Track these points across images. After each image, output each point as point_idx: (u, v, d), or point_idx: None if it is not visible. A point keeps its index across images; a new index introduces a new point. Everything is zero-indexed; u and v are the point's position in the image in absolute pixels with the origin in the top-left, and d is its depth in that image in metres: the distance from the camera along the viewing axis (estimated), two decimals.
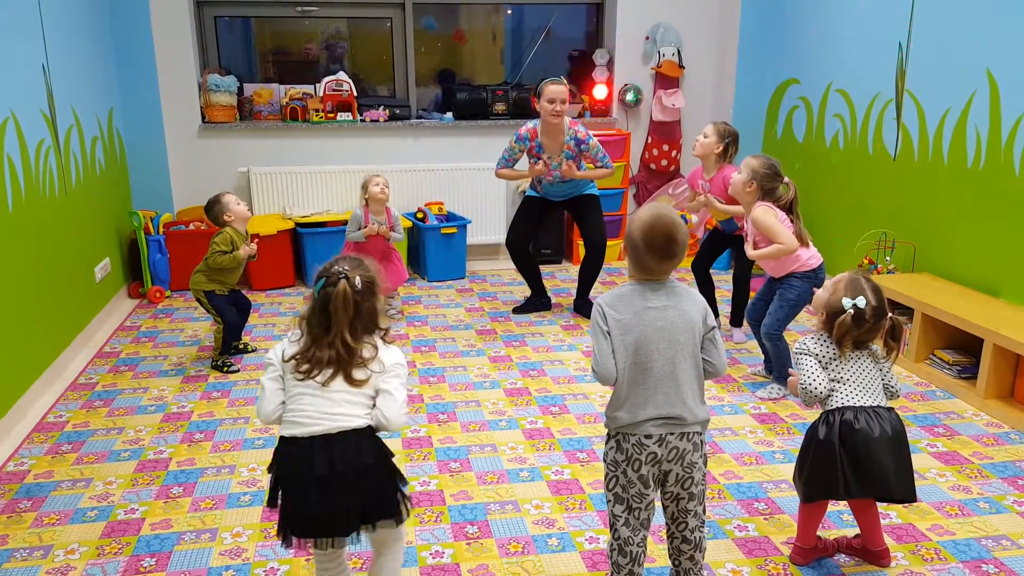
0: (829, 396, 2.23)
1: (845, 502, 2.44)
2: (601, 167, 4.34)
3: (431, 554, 2.38)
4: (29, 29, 3.65)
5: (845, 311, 2.19)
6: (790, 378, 2.34)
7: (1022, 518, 2.58)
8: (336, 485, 1.79)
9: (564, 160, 4.28)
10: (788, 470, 2.87)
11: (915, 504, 2.64)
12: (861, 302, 2.18)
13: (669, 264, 1.95)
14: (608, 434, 2.02)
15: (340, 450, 1.79)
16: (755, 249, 3.37)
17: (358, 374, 1.84)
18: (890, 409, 2.22)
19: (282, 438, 1.85)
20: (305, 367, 1.83)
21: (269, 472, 1.86)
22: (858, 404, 2.19)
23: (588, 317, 4.53)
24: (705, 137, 3.95)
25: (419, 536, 2.46)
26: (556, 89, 4.18)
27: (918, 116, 4.11)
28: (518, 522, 2.55)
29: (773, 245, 3.29)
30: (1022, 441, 3.11)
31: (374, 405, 1.87)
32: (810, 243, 3.38)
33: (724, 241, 4.16)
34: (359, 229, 4.32)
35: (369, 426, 1.85)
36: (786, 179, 3.36)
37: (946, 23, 3.90)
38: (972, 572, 2.30)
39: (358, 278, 1.85)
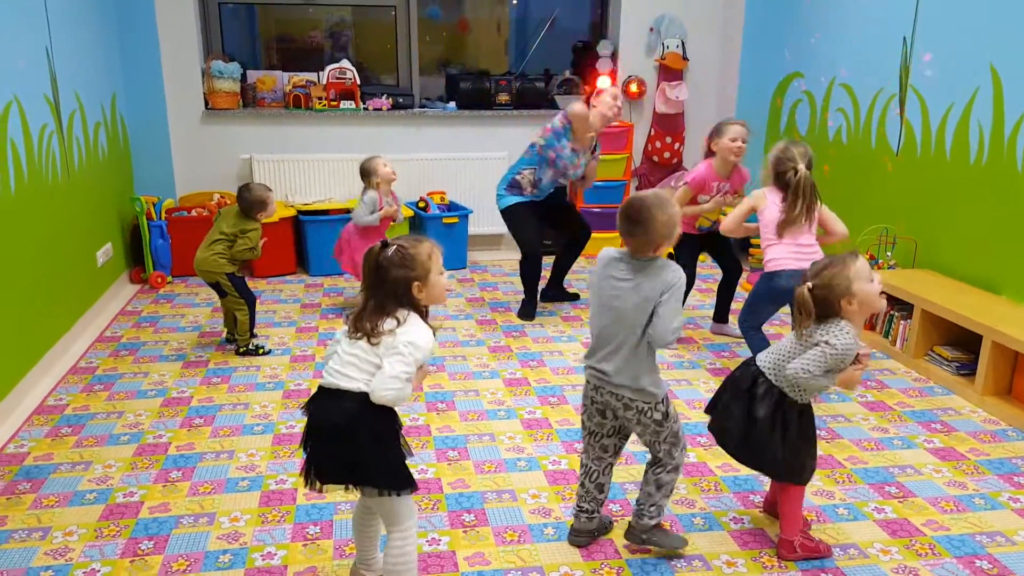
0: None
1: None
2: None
3: (427, 541, 2.39)
4: (33, 13, 3.65)
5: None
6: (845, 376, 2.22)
7: (1017, 515, 2.59)
8: (317, 437, 1.95)
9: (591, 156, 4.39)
10: None
11: (910, 499, 2.66)
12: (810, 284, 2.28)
13: (629, 240, 2.18)
14: None
15: (323, 405, 1.94)
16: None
17: (375, 338, 1.90)
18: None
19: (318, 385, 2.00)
20: (352, 327, 1.95)
21: (302, 412, 2.03)
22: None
23: (561, 300, 4.62)
24: (744, 143, 3.76)
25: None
26: (615, 92, 4.30)
27: (921, 111, 4.10)
28: (515, 511, 2.56)
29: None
30: (1019, 438, 3.12)
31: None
32: (804, 235, 3.21)
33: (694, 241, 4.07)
34: (372, 212, 4.26)
35: (363, 392, 1.89)
36: (800, 167, 3.17)
37: (950, 18, 3.89)
38: (966, 567, 2.31)
39: (394, 247, 1.92)
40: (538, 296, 4.56)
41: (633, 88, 5.72)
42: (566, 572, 2.27)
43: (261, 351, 3.81)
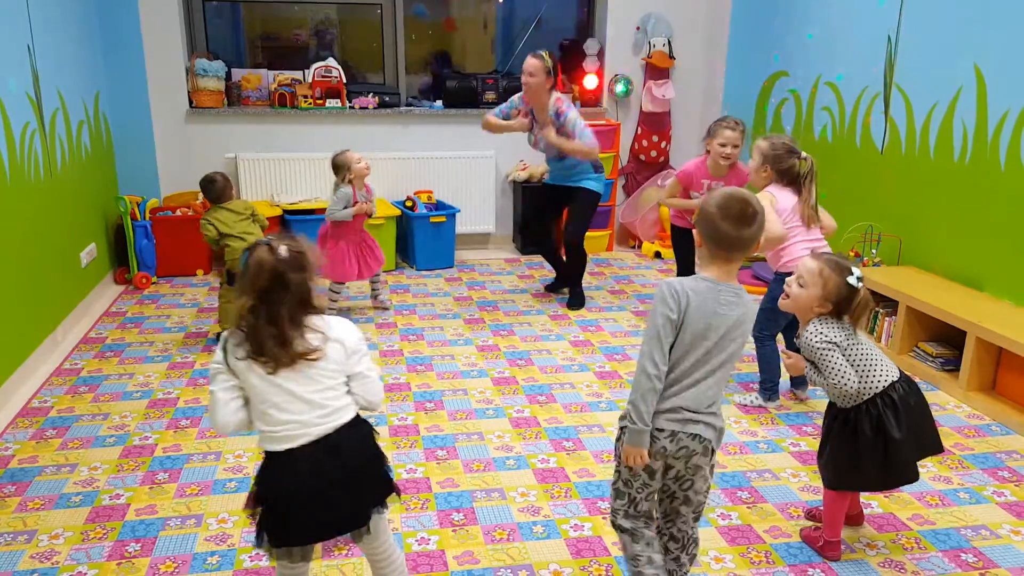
0: (863, 382, 2.19)
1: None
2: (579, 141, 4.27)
3: (416, 540, 2.39)
4: (14, 8, 3.61)
5: (857, 288, 2.17)
6: (789, 360, 2.32)
7: (1001, 508, 2.62)
8: (350, 481, 1.73)
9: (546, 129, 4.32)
10: (771, 459, 2.90)
11: (896, 494, 2.68)
12: (859, 273, 2.18)
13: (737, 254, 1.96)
14: None
15: (346, 448, 1.72)
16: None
17: (313, 355, 1.70)
18: (902, 373, 2.28)
19: (271, 454, 1.72)
20: (261, 359, 1.67)
21: (257, 487, 1.75)
22: (890, 381, 2.20)
23: (574, 308, 4.56)
24: (736, 147, 3.71)
25: (405, 523, 2.47)
26: (527, 62, 4.25)
27: (906, 110, 4.13)
28: (504, 509, 2.56)
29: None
30: (1003, 433, 3.15)
31: (349, 390, 1.78)
32: (816, 227, 3.18)
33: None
34: (346, 207, 4.15)
35: (357, 414, 1.78)
36: (803, 155, 3.15)
37: (935, 18, 3.92)
38: (951, 561, 2.34)
39: (285, 247, 1.68)
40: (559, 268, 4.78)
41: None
42: (555, 570, 2.27)
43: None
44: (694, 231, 1.94)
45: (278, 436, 1.71)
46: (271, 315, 1.66)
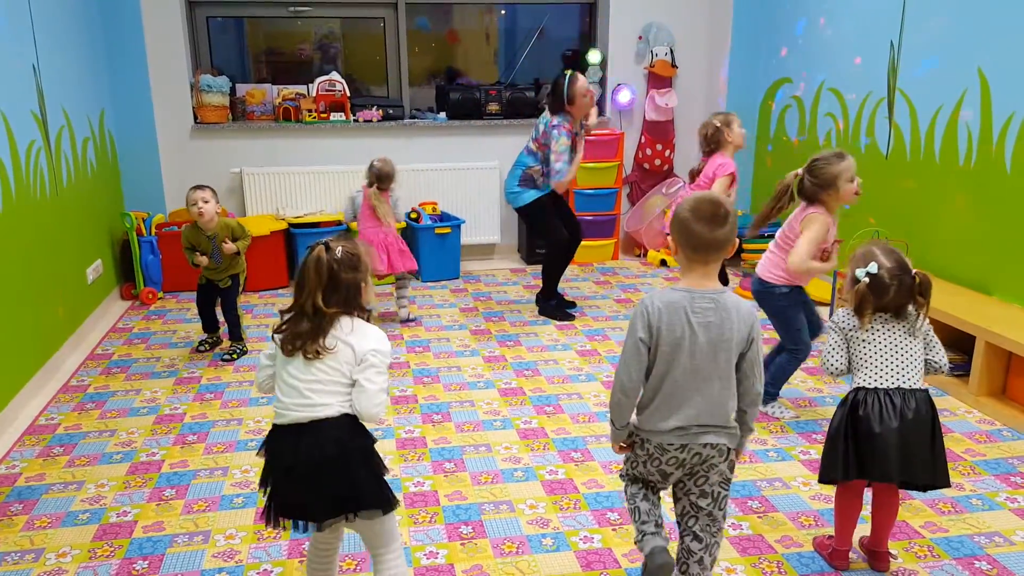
0: (855, 373, 2.23)
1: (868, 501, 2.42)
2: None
3: (425, 555, 2.37)
4: (19, 29, 3.63)
5: (860, 280, 2.21)
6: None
7: (1015, 515, 2.59)
8: (304, 475, 1.81)
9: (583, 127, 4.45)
10: (781, 468, 2.88)
11: (908, 501, 2.65)
12: (873, 268, 2.19)
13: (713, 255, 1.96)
14: None
15: (302, 441, 1.81)
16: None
17: (325, 344, 1.81)
18: (916, 391, 2.17)
19: (272, 424, 1.90)
20: (288, 341, 1.83)
21: (258, 455, 1.93)
22: (874, 385, 2.17)
23: (552, 317, 4.52)
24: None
25: (413, 537, 2.46)
26: (585, 84, 4.34)
27: (910, 115, 4.12)
28: (512, 522, 2.55)
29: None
30: (1014, 438, 3.12)
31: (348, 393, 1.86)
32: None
33: None
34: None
35: (345, 414, 1.83)
36: (797, 171, 3.14)
37: (937, 22, 3.91)
38: (965, 569, 2.31)
39: (340, 248, 1.83)
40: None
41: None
42: None
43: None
44: (668, 238, 1.96)
45: (275, 411, 1.87)
46: (316, 308, 1.80)
